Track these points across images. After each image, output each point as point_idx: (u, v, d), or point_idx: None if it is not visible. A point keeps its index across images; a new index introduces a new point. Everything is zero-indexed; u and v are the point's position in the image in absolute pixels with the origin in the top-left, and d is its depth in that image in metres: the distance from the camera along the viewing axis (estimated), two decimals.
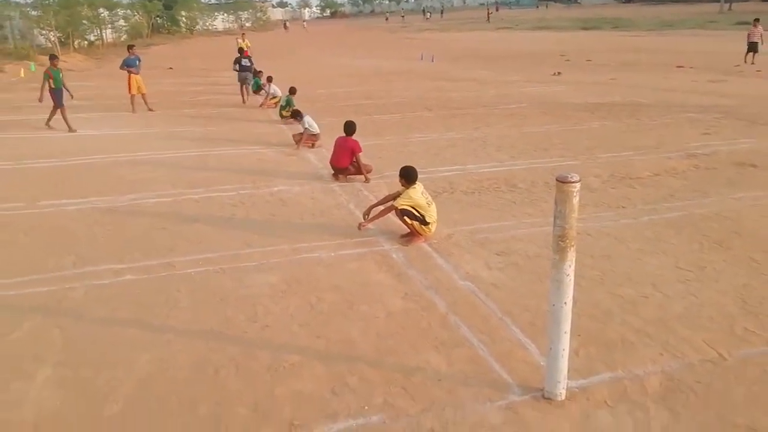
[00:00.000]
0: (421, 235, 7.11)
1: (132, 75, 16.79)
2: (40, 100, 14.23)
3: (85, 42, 44.93)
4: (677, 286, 5.90)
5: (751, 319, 5.24)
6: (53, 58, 14.74)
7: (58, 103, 14.32)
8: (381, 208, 7.28)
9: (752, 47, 24.80)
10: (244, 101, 18.44)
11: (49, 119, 14.62)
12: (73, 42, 41.01)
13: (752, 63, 24.66)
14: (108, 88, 22.18)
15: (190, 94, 20.55)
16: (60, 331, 5.32)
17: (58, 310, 5.70)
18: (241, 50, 20.07)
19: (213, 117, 16.14)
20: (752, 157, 10.52)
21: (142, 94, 17.08)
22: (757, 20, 25.47)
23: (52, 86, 14.19)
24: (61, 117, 14.34)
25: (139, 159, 11.60)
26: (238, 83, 18.72)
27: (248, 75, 18.83)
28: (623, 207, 8.23)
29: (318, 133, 12.34)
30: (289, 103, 15.06)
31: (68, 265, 6.71)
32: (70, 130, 14.23)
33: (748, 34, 25.18)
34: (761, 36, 24.66)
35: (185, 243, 7.32)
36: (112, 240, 7.46)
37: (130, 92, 16.92)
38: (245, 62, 18.70)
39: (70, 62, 31.83)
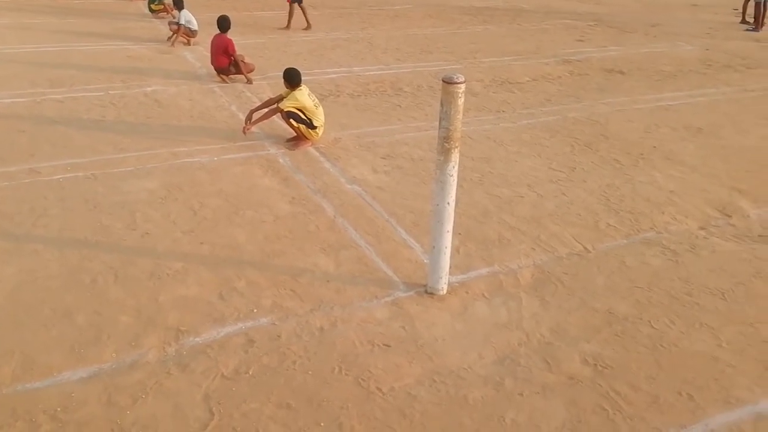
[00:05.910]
0: (308, 139, 6.98)
1: None
2: None
3: None
4: (549, 186, 6.27)
5: (613, 215, 5.72)
6: None
7: None
8: (265, 110, 7.01)
9: None
10: None
11: None
12: None
13: None
14: None
15: None
16: None
17: None
18: None
19: (74, 8, 14.57)
20: (620, 64, 11.12)
21: None
22: None
23: None
24: None
25: None
26: None
27: None
28: (503, 111, 8.49)
29: (196, 30, 11.54)
30: None
31: None
32: None
33: None
34: None
35: (49, 147, 6.74)
36: None
37: None
38: None
39: None
